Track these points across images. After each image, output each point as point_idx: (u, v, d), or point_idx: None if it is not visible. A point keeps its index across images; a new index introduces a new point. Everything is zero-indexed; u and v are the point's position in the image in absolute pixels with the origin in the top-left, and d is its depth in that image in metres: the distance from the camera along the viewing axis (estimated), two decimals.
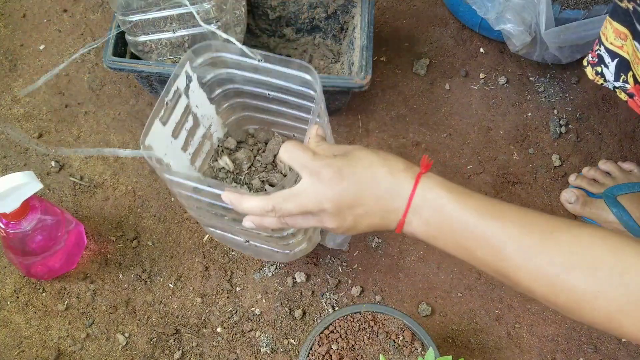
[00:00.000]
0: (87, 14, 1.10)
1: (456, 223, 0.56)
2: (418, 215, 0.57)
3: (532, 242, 0.53)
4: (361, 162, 0.59)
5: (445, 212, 0.56)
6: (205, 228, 0.82)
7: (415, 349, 0.76)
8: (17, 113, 1.01)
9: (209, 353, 0.85)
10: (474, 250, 0.56)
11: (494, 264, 0.55)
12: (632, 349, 0.88)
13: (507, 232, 0.54)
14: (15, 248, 0.81)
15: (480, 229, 0.55)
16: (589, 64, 0.80)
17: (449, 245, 0.58)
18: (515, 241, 0.54)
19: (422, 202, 0.57)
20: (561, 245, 0.52)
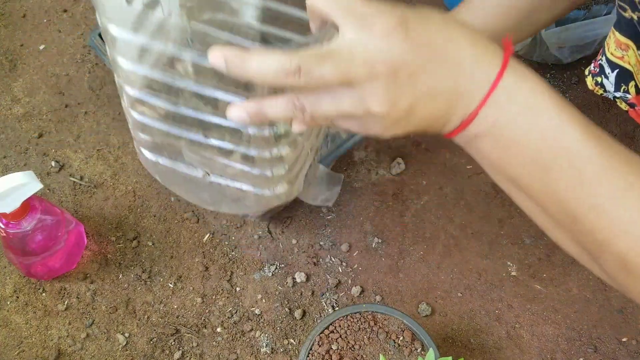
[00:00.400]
0: (87, 14, 1.10)
1: (551, 130, 0.41)
2: (501, 108, 0.42)
3: (632, 181, 0.41)
4: (434, 18, 0.41)
5: (541, 112, 0.41)
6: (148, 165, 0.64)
7: (415, 349, 0.76)
8: (17, 113, 1.01)
9: (209, 353, 0.85)
10: (555, 171, 0.42)
11: (575, 196, 0.42)
12: (632, 349, 0.88)
13: (613, 165, 0.41)
14: (15, 248, 0.81)
15: (579, 147, 0.41)
16: (590, 73, 0.80)
17: (518, 160, 0.43)
18: (620, 177, 0.41)
19: (511, 91, 0.42)
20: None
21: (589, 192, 0.42)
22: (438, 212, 0.97)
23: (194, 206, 0.95)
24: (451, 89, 0.41)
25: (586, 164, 0.41)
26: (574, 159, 0.41)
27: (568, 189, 0.42)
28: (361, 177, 0.99)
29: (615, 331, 0.89)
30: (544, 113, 0.41)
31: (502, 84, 0.41)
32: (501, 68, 0.41)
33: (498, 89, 0.41)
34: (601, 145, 0.42)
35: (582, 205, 0.42)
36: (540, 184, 0.43)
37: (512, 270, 0.93)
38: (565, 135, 0.41)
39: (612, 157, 0.42)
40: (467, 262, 0.93)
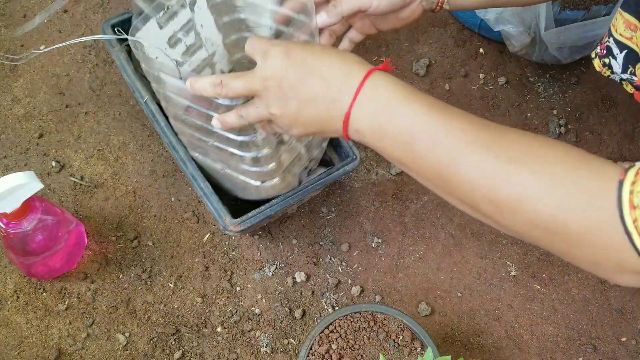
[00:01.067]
0: (87, 14, 1.10)
1: (403, 116, 0.52)
2: (365, 110, 0.54)
3: (479, 137, 0.50)
4: (315, 48, 0.57)
5: (392, 105, 0.53)
6: (192, 153, 0.82)
7: (415, 348, 0.76)
8: (18, 113, 1.01)
9: (209, 353, 0.85)
10: (416, 145, 0.52)
11: (436, 159, 0.51)
12: (632, 349, 0.88)
13: (454, 125, 0.51)
14: (15, 248, 0.81)
15: (426, 120, 0.52)
16: (597, 55, 0.80)
17: (393, 145, 0.54)
18: (462, 134, 0.51)
19: (371, 94, 0.54)
20: (510, 142, 0.50)
21: (443, 153, 0.51)
22: (438, 212, 0.97)
23: (194, 206, 0.95)
24: (325, 96, 0.55)
25: (434, 133, 0.51)
26: (424, 133, 0.52)
27: (430, 158, 0.52)
28: (361, 177, 0.99)
29: (614, 331, 0.89)
30: (398, 108, 0.53)
31: (363, 91, 0.54)
32: (362, 79, 0.54)
33: (360, 95, 0.54)
34: (444, 115, 0.52)
35: (441, 167, 0.51)
36: (412, 159, 0.53)
37: (512, 270, 0.93)
38: (413, 118, 0.52)
39: (456, 123, 0.51)
40: (467, 262, 0.93)
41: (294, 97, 0.56)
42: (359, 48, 1.09)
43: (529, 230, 0.49)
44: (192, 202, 0.95)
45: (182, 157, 0.81)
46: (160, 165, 0.98)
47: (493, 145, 0.50)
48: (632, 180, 0.44)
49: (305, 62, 0.55)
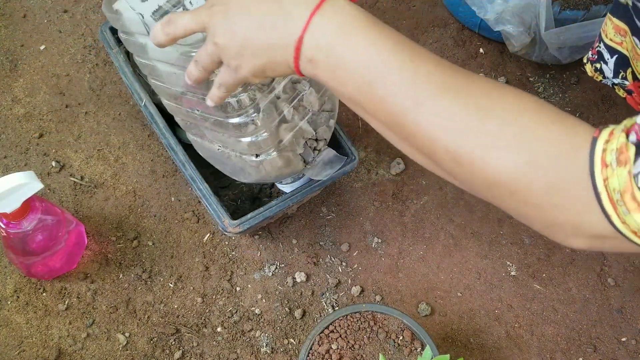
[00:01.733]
0: (87, 14, 1.10)
1: (364, 49, 0.47)
2: (320, 35, 0.48)
3: (447, 82, 0.46)
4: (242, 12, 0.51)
5: (353, 33, 0.47)
6: (189, 137, 0.81)
7: (415, 348, 0.76)
8: (18, 113, 1.01)
9: (209, 353, 0.85)
10: (377, 85, 0.47)
11: (397, 103, 0.47)
12: (632, 349, 0.88)
13: (421, 68, 0.46)
14: (15, 248, 0.81)
15: (391, 58, 0.47)
16: (589, 60, 0.80)
17: (350, 81, 0.49)
18: (429, 78, 0.46)
19: (329, 17, 0.48)
20: (480, 89, 0.46)
21: (405, 96, 0.46)
22: (438, 212, 0.97)
23: (194, 206, 0.95)
24: (276, 18, 0.49)
25: (398, 71, 0.46)
26: (387, 70, 0.46)
27: (389, 98, 0.47)
28: (361, 177, 0.99)
29: (614, 331, 0.89)
30: (357, 34, 0.47)
31: (319, 13, 0.48)
32: (304, 24, 0.48)
33: (316, 17, 0.48)
34: (411, 54, 0.47)
35: (403, 111, 0.47)
36: (369, 99, 0.48)
37: (512, 270, 0.93)
38: (376, 50, 0.47)
39: (423, 64, 0.46)
40: (467, 262, 0.93)
41: (241, 22, 0.50)
42: None
43: (487, 187, 0.46)
44: (192, 202, 0.95)
45: (181, 159, 0.81)
46: (160, 165, 0.98)
47: (461, 92, 0.45)
48: (605, 138, 0.42)
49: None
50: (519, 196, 0.44)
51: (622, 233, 0.41)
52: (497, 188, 0.45)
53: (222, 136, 0.74)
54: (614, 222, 0.41)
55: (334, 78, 0.49)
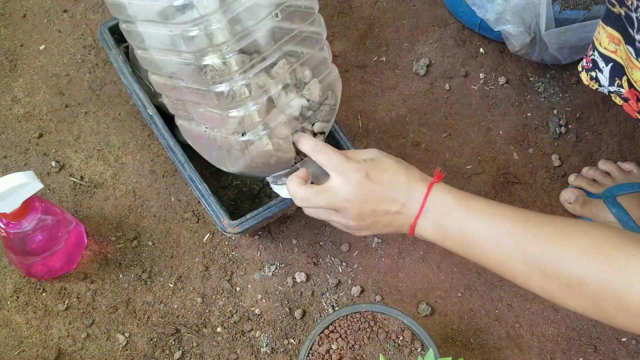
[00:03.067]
0: (87, 14, 1.10)
1: (459, 223, 0.63)
2: (428, 219, 0.64)
3: (523, 235, 0.59)
4: (385, 169, 0.67)
5: (450, 215, 0.63)
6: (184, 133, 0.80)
7: (415, 348, 0.76)
8: (18, 113, 1.01)
9: (209, 353, 0.85)
10: (475, 247, 0.62)
11: (493, 258, 0.61)
12: (632, 349, 0.88)
13: (502, 228, 0.60)
14: (15, 248, 0.81)
15: (478, 227, 0.62)
16: (584, 69, 0.80)
17: (455, 245, 0.64)
18: (510, 235, 0.60)
19: (432, 207, 0.64)
20: (549, 235, 0.58)
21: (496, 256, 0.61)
22: None
23: (194, 206, 0.95)
24: (397, 212, 0.66)
25: (487, 240, 0.61)
26: (482, 240, 0.62)
27: (485, 259, 0.62)
28: None
29: (614, 331, 0.89)
30: (452, 213, 0.64)
31: (426, 206, 0.65)
32: (425, 195, 0.65)
33: (424, 209, 0.65)
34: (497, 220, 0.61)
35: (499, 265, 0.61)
36: (473, 256, 0.64)
37: None
38: (468, 222, 0.62)
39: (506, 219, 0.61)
40: (467, 262, 0.93)
41: (371, 215, 0.67)
42: (359, 48, 1.09)
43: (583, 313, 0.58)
44: (192, 202, 0.95)
45: (180, 159, 0.81)
46: (160, 165, 0.98)
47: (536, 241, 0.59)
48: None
49: (382, 185, 0.66)
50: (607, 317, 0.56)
51: None
52: (590, 315, 0.58)
53: (208, 113, 0.71)
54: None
55: (442, 244, 0.66)
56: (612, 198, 0.91)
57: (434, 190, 0.65)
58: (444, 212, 0.64)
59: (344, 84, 1.06)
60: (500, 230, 0.60)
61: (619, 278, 0.53)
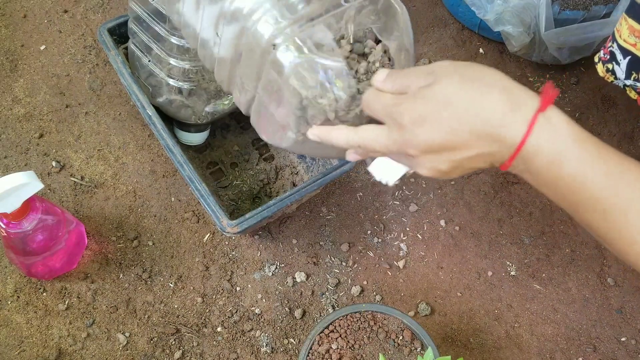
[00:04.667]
0: (87, 15, 1.11)
1: (573, 184, 0.48)
2: (527, 164, 0.48)
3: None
4: (446, 96, 0.48)
5: (562, 171, 0.47)
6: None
7: (415, 348, 0.76)
8: (18, 113, 1.01)
9: (209, 352, 0.85)
10: (586, 213, 0.49)
11: (610, 233, 0.48)
12: (632, 349, 0.88)
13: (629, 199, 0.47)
14: (16, 248, 0.81)
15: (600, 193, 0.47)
16: (600, 60, 0.79)
17: (558, 199, 0.50)
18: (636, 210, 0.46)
19: (535, 151, 0.47)
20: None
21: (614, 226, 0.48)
22: (438, 212, 0.97)
23: (194, 206, 0.95)
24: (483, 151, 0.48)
25: (607, 204, 0.47)
26: (595, 203, 0.48)
27: (596, 226, 0.49)
28: (361, 177, 0.99)
29: (614, 331, 0.89)
30: (564, 168, 0.47)
31: (525, 148, 0.47)
32: (524, 135, 0.47)
33: (521, 152, 0.47)
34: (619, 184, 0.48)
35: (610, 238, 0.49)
36: (576, 216, 0.50)
37: (512, 270, 0.93)
38: (585, 183, 0.47)
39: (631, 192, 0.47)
40: (467, 262, 0.93)
41: (445, 159, 0.50)
42: None
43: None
44: (192, 202, 0.95)
45: (179, 159, 0.82)
46: (160, 165, 0.98)
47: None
48: None
49: (448, 123, 0.48)
50: None
51: None
52: None
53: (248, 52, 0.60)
54: None
55: (541, 188, 0.50)
56: None
57: (539, 128, 0.47)
58: (551, 165, 0.47)
59: None
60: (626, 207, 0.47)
61: None
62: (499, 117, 0.46)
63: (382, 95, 0.52)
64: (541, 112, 0.47)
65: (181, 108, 0.88)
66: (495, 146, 0.47)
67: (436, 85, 0.48)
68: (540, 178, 0.49)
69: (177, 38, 0.81)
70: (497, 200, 0.98)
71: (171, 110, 0.89)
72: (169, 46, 0.83)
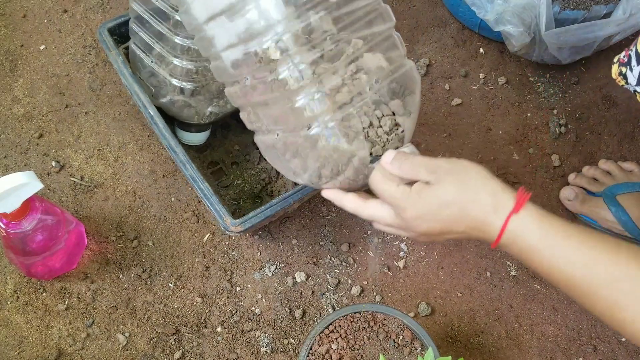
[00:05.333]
0: (87, 14, 1.10)
1: (545, 269, 0.58)
2: (506, 250, 0.60)
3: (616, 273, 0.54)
4: (445, 199, 0.58)
5: (533, 258, 0.58)
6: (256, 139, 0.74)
7: (415, 348, 0.76)
8: (18, 113, 1.01)
9: (209, 353, 0.85)
10: (564, 288, 0.58)
11: (588, 305, 0.57)
12: (632, 349, 0.88)
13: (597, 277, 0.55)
14: (15, 248, 0.81)
15: (571, 276, 0.56)
16: (619, 61, 0.78)
17: (538, 272, 0.59)
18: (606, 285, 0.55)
19: (508, 243, 0.58)
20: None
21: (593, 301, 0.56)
22: None
23: (194, 206, 0.95)
24: (469, 236, 0.61)
25: (579, 282, 0.56)
26: (568, 279, 0.56)
27: (577, 298, 0.57)
28: None
29: (614, 331, 0.89)
30: (535, 254, 0.58)
31: (501, 240, 0.58)
32: (500, 231, 0.58)
33: (499, 243, 0.59)
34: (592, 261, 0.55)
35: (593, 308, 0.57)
36: (561, 289, 0.59)
37: (512, 270, 0.93)
38: (555, 266, 0.57)
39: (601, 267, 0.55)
40: (467, 262, 0.93)
41: (438, 238, 0.62)
42: None
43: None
44: (192, 202, 0.95)
45: (182, 159, 0.81)
46: (160, 165, 0.98)
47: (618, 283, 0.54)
48: None
49: (443, 219, 0.59)
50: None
51: None
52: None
53: (276, 111, 0.66)
54: None
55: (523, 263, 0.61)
56: (611, 197, 0.91)
57: (512, 226, 0.57)
58: (523, 252, 0.58)
59: None
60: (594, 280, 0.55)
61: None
62: (485, 217, 0.58)
63: (388, 183, 0.61)
64: (514, 214, 0.57)
65: (184, 108, 0.88)
66: (482, 234, 0.59)
67: (436, 186, 0.59)
68: (520, 259, 0.59)
69: (181, 38, 0.81)
70: None
71: (173, 110, 0.89)
72: (172, 46, 0.83)
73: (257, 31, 0.62)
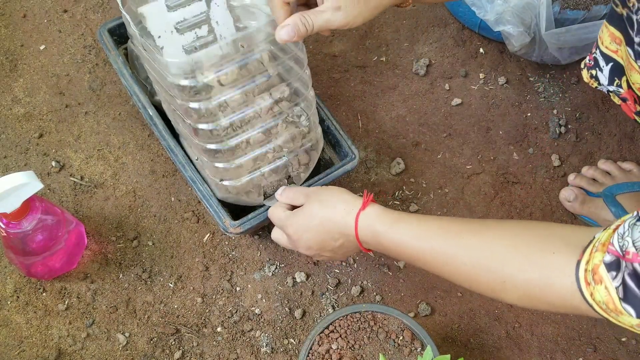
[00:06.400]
0: (87, 14, 1.10)
1: (394, 248, 0.68)
2: (370, 245, 0.71)
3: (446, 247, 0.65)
4: (311, 213, 0.72)
5: (382, 242, 0.69)
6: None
7: (415, 348, 0.76)
8: (18, 113, 1.01)
9: (209, 353, 0.85)
10: (416, 262, 0.68)
11: (437, 269, 0.66)
12: (632, 349, 0.88)
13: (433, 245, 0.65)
14: (15, 248, 0.81)
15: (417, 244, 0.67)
16: (586, 66, 0.80)
17: (398, 258, 0.75)
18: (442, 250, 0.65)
19: (364, 237, 0.70)
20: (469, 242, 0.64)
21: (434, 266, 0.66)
22: (438, 211, 0.97)
23: (194, 206, 0.95)
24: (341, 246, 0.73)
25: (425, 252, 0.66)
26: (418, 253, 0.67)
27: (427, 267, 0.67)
28: (361, 177, 0.99)
29: (614, 331, 0.89)
30: (382, 240, 0.69)
31: (359, 237, 0.70)
32: (355, 230, 0.70)
33: (359, 239, 0.70)
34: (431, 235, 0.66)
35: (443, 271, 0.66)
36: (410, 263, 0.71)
37: None
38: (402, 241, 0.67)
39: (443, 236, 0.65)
40: None
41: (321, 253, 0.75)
42: (359, 48, 1.09)
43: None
44: (192, 202, 0.95)
45: (181, 160, 0.81)
46: (160, 165, 0.98)
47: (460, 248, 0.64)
48: (586, 259, 0.53)
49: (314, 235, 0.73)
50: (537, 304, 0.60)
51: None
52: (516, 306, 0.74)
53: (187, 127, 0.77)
54: (611, 321, 0.54)
55: (386, 254, 0.72)
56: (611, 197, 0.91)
57: (361, 223, 0.70)
58: (375, 240, 0.69)
59: (343, 84, 1.06)
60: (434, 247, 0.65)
61: (539, 276, 0.57)
62: (344, 221, 0.70)
63: (277, 211, 0.76)
64: (362, 211, 0.69)
65: None
66: (347, 237, 0.71)
67: (306, 205, 0.73)
68: (379, 249, 0.70)
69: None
70: (498, 200, 0.98)
71: None
72: None
73: None
